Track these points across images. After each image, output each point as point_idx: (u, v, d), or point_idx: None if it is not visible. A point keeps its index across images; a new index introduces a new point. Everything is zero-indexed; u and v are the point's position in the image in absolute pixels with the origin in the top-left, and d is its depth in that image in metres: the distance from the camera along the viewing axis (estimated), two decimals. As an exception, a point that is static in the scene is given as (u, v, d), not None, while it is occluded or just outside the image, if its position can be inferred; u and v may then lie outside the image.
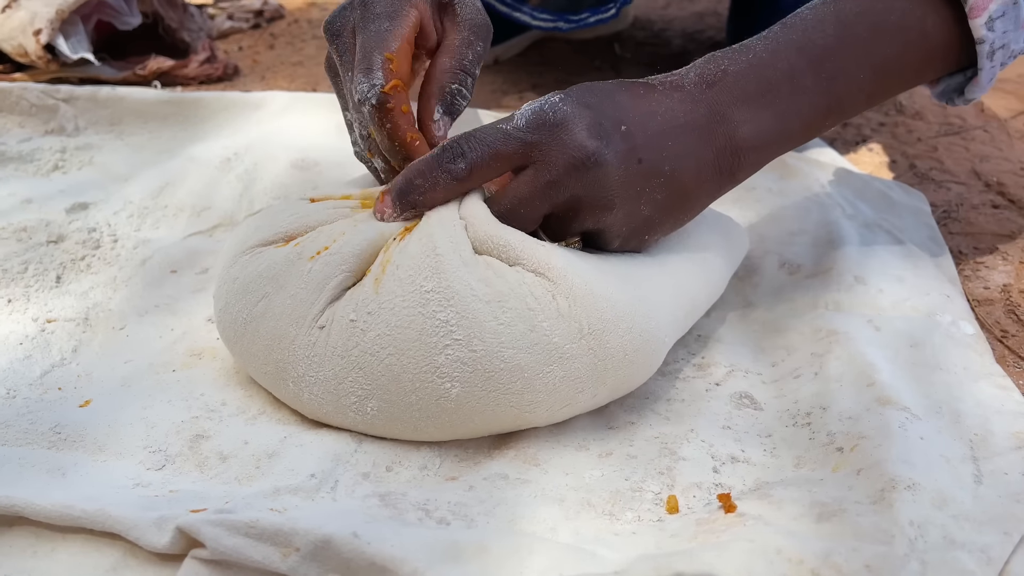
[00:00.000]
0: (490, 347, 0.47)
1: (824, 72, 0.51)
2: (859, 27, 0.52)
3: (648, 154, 0.48)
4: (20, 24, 0.96)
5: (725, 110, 0.50)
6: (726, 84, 0.50)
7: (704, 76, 0.51)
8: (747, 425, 0.52)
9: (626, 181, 0.47)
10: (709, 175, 0.50)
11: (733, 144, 0.50)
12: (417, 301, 0.47)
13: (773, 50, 0.51)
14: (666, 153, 0.48)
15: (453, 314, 0.47)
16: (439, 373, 0.47)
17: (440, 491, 0.47)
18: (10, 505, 0.43)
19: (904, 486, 0.43)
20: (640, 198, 0.48)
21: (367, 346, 0.48)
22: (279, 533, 0.40)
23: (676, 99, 0.50)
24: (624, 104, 0.48)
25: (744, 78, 0.51)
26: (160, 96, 0.90)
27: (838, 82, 0.52)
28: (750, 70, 0.51)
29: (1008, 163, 0.84)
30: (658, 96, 0.50)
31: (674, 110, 0.49)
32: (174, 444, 0.50)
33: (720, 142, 0.50)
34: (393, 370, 0.48)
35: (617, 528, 0.45)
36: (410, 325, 0.47)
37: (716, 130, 0.50)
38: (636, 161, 0.47)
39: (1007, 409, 0.51)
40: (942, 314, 0.59)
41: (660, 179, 0.48)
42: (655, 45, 1.14)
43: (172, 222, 0.73)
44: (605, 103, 0.48)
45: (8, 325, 0.60)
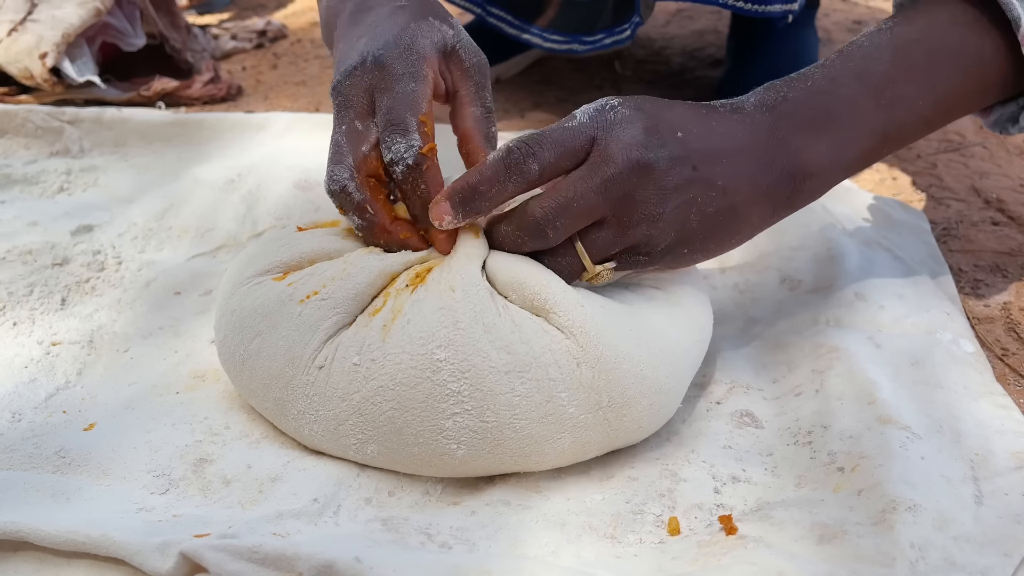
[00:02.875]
0: (503, 418, 0.46)
1: (883, 99, 0.51)
2: (916, 54, 0.52)
3: (703, 164, 0.47)
4: (26, 47, 0.97)
5: (785, 135, 0.50)
6: (786, 110, 0.50)
7: (764, 101, 0.51)
8: (748, 444, 0.52)
9: (679, 185, 0.47)
10: (764, 198, 0.50)
11: (792, 170, 0.50)
12: (427, 366, 0.46)
13: (832, 77, 0.51)
14: (720, 168, 0.48)
15: (466, 385, 0.46)
16: (445, 435, 0.47)
17: (442, 516, 0.47)
18: (15, 530, 0.43)
19: (905, 507, 0.44)
20: (691, 207, 0.47)
21: (369, 393, 0.48)
22: (282, 558, 0.40)
23: (735, 120, 0.49)
24: (682, 115, 0.48)
25: (804, 104, 0.50)
26: (164, 117, 0.91)
27: (897, 109, 0.52)
28: (809, 97, 0.51)
29: (1008, 180, 0.84)
30: (718, 115, 0.49)
31: (733, 130, 0.49)
32: (178, 468, 0.50)
33: (779, 167, 0.49)
34: (395, 423, 0.47)
35: (619, 551, 0.45)
36: (417, 387, 0.47)
37: (775, 154, 0.49)
38: (691, 168, 0.47)
39: (1007, 428, 0.51)
40: (942, 332, 0.59)
41: (712, 192, 0.48)
42: (656, 63, 1.15)
43: (176, 243, 0.74)
44: (663, 111, 0.48)
45: (13, 348, 0.60)
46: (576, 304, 0.48)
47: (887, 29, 0.53)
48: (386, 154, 0.49)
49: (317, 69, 1.17)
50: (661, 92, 1.06)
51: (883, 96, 0.51)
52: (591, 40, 0.91)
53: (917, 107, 0.52)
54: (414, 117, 0.49)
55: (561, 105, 1.03)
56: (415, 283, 0.50)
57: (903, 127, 0.53)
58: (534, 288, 0.48)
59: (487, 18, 0.98)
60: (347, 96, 0.51)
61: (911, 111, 0.52)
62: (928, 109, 0.53)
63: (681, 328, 0.52)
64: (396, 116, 0.49)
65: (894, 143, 0.53)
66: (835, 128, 0.50)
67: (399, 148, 0.49)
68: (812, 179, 0.50)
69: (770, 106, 0.50)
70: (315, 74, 1.16)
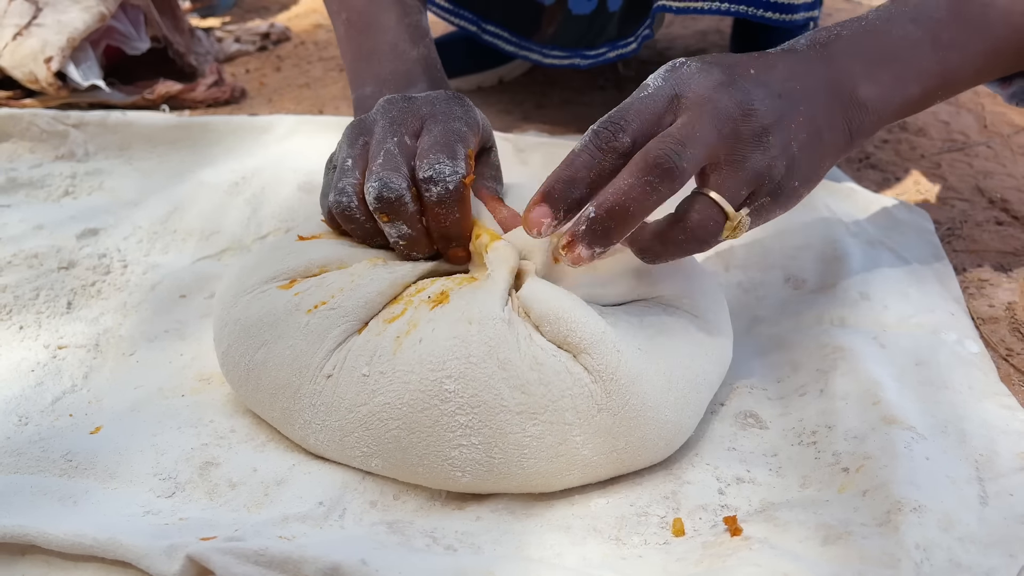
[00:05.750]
0: (511, 456, 0.46)
1: (939, 43, 0.51)
2: (972, 5, 0.52)
3: (784, 93, 0.47)
4: (31, 52, 0.97)
5: (844, 65, 0.49)
6: (841, 45, 0.50)
7: (817, 39, 0.50)
8: (752, 445, 0.52)
9: (771, 112, 0.45)
10: (838, 123, 0.49)
11: (855, 98, 0.49)
12: (436, 393, 0.46)
13: (887, 18, 0.51)
14: (796, 95, 0.47)
15: (475, 420, 0.46)
16: (450, 463, 0.47)
17: (447, 520, 0.47)
18: (23, 534, 0.43)
19: (910, 508, 0.44)
20: (788, 134, 0.46)
21: (375, 408, 0.47)
22: (288, 561, 0.41)
23: (793, 59, 0.49)
24: (746, 60, 0.48)
25: (860, 40, 0.50)
26: (168, 121, 0.91)
27: (952, 54, 0.52)
28: (865, 35, 0.50)
29: (1012, 179, 0.84)
30: (774, 57, 0.49)
31: (792, 67, 0.48)
32: (184, 471, 0.50)
33: (843, 94, 0.49)
34: (400, 442, 0.47)
35: (624, 552, 0.45)
36: (424, 411, 0.46)
37: (838, 81, 0.49)
38: (776, 96, 0.46)
39: (1012, 429, 0.51)
40: (947, 332, 0.59)
41: (801, 117, 0.47)
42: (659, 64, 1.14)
43: (181, 246, 0.74)
44: (728, 58, 0.47)
45: (20, 352, 0.61)
46: (613, 348, 0.47)
47: None
48: (427, 171, 0.48)
49: (321, 71, 1.18)
50: (664, 93, 1.06)
51: (939, 40, 0.51)
52: (594, 54, 0.90)
53: (971, 55, 0.52)
54: (464, 148, 0.50)
55: (564, 107, 1.03)
56: (438, 300, 0.49)
57: (957, 73, 0.53)
58: (571, 325, 0.47)
59: (483, 35, 0.98)
60: (401, 115, 0.52)
61: (965, 58, 0.52)
62: (981, 58, 0.53)
63: (708, 359, 0.52)
64: (447, 141, 0.49)
65: (949, 88, 0.53)
66: (892, 64, 0.50)
67: (443, 169, 0.48)
68: (874, 111, 0.50)
69: (823, 43, 0.50)
70: (319, 76, 1.16)
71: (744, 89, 0.45)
